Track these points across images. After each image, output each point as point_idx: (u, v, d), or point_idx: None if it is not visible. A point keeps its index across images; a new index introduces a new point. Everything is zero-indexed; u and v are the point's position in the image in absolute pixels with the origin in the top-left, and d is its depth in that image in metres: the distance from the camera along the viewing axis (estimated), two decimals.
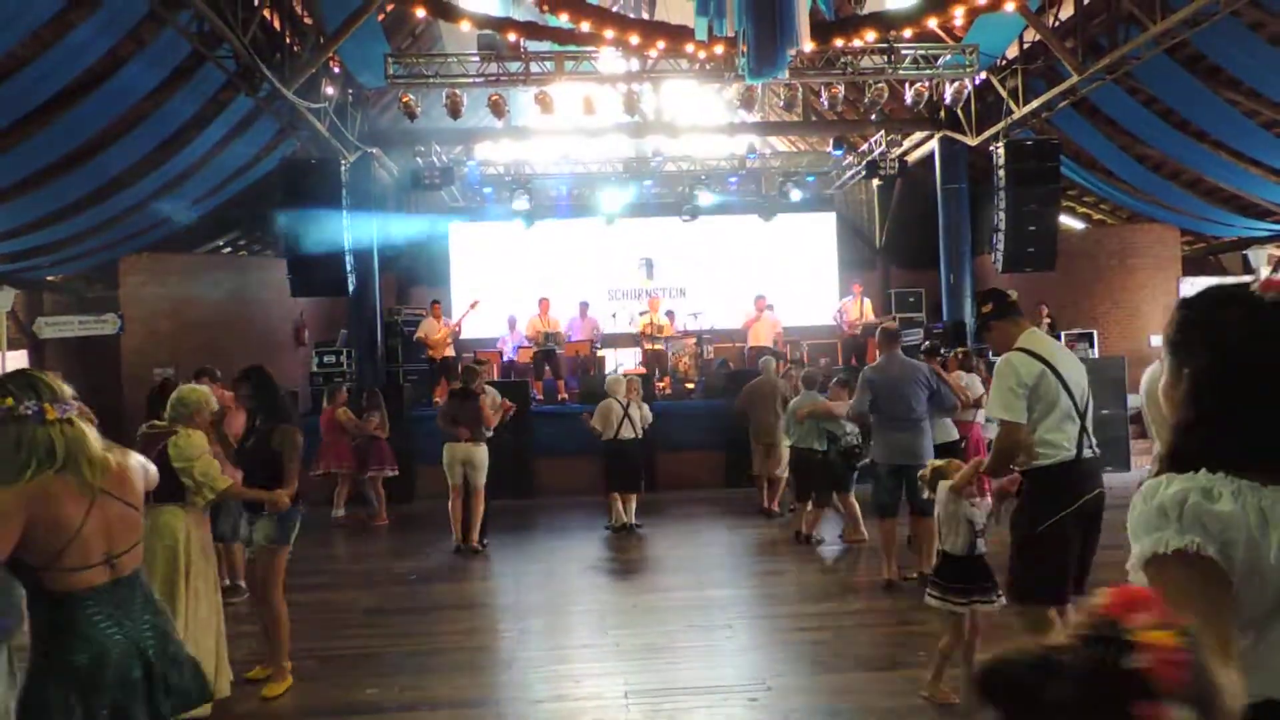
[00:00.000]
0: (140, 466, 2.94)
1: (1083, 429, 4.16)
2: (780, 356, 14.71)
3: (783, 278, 17.51)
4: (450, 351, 14.40)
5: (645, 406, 10.12)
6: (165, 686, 2.76)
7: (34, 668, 2.63)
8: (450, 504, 8.92)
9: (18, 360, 13.97)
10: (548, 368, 14.26)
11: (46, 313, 14.89)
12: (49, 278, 14.93)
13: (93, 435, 2.73)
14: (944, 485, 4.46)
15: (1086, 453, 4.16)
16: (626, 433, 9.63)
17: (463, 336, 14.76)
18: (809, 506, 8.77)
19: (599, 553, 8.83)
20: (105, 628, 2.66)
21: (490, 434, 8.99)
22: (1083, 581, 4.24)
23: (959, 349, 10.23)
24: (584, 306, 15.73)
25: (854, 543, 8.55)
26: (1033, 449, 4.14)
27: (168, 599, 4.46)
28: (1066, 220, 16.93)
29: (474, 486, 8.85)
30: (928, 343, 11.25)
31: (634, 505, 9.82)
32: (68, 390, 2.73)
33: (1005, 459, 4.22)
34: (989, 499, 4.47)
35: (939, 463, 4.71)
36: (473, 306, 14.43)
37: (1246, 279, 1.57)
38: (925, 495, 5.23)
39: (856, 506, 8.57)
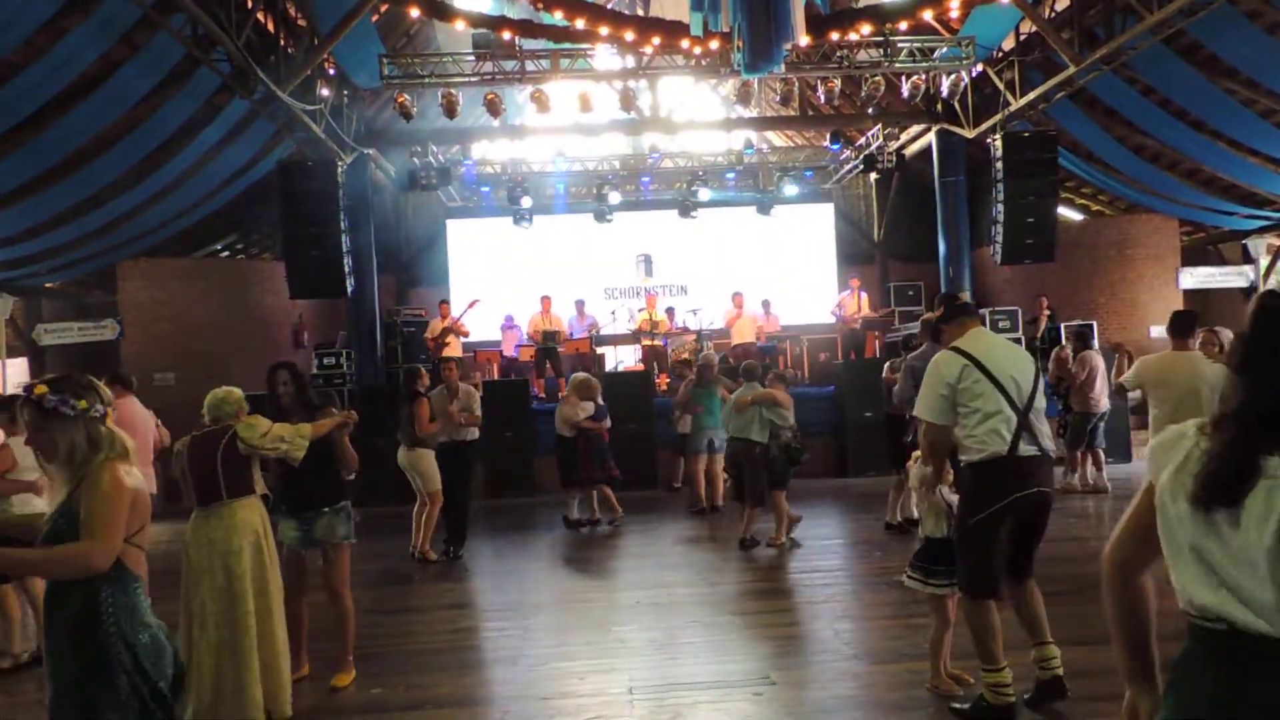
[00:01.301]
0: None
1: (1022, 425, 4.13)
2: (767, 352, 14.69)
3: (781, 273, 17.51)
4: (458, 351, 14.41)
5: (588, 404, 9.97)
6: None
7: (100, 645, 2.68)
8: (414, 508, 8.61)
9: (18, 368, 13.96)
10: (549, 365, 14.26)
11: (45, 319, 14.89)
12: (47, 284, 14.92)
13: (121, 435, 2.91)
14: (918, 468, 4.54)
15: (1025, 449, 4.12)
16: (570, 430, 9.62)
17: (464, 337, 14.76)
18: (751, 507, 8.41)
19: (601, 550, 8.82)
20: (152, 615, 2.84)
21: (442, 438, 8.44)
22: (1024, 570, 4.31)
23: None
24: (580, 304, 15.74)
25: (777, 546, 8.29)
26: (962, 445, 4.19)
27: (260, 595, 4.44)
28: (1065, 211, 16.93)
29: (421, 493, 8.47)
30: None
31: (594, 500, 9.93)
32: (110, 397, 2.94)
33: (933, 457, 4.33)
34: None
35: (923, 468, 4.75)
36: (471, 305, 14.42)
37: (1246, 269, 1.61)
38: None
39: (787, 507, 8.42)
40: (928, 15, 10.97)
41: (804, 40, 8.87)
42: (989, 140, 13.43)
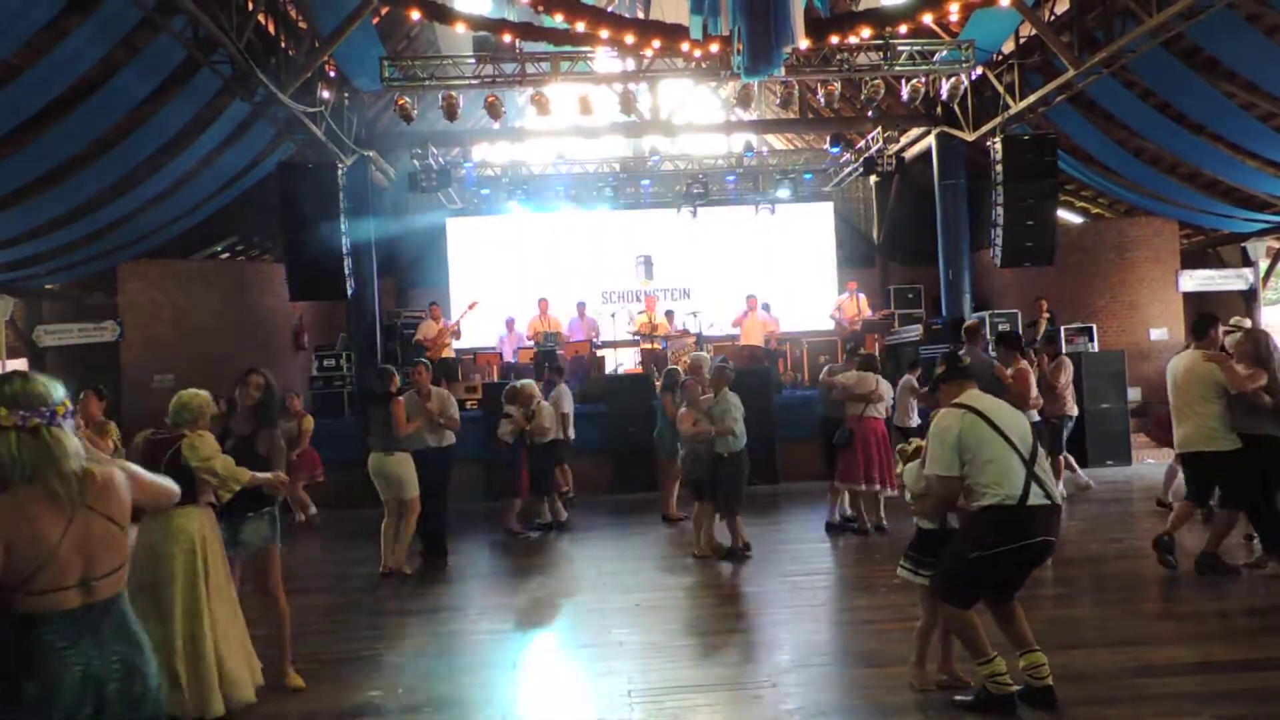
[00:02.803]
0: (126, 480, 2.70)
1: (1031, 475, 4.24)
2: (772, 355, 14.71)
3: (781, 275, 17.51)
4: (451, 353, 14.40)
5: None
6: None
7: None
8: (383, 524, 7.96)
9: (18, 369, 13.98)
10: (548, 368, 14.22)
11: (45, 321, 14.90)
12: (47, 286, 14.93)
13: (72, 446, 2.53)
14: (912, 467, 4.65)
15: (1035, 499, 4.21)
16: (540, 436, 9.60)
17: (463, 339, 14.76)
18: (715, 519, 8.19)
19: (602, 551, 8.81)
20: (67, 657, 2.43)
21: (416, 444, 7.97)
22: (1008, 598, 4.43)
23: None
24: (581, 307, 15.75)
25: (703, 558, 8.06)
26: (971, 490, 4.28)
27: (190, 603, 4.48)
28: (1064, 214, 16.93)
29: (392, 502, 7.86)
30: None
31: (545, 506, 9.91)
32: (53, 395, 2.55)
33: (940, 508, 4.51)
34: None
35: (912, 445, 4.87)
36: (471, 307, 14.42)
37: (1245, 271, 1.59)
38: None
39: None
40: (927, 18, 10.98)
41: (804, 43, 8.85)
42: (989, 143, 13.43)
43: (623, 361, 15.88)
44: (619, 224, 17.58)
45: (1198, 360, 6.56)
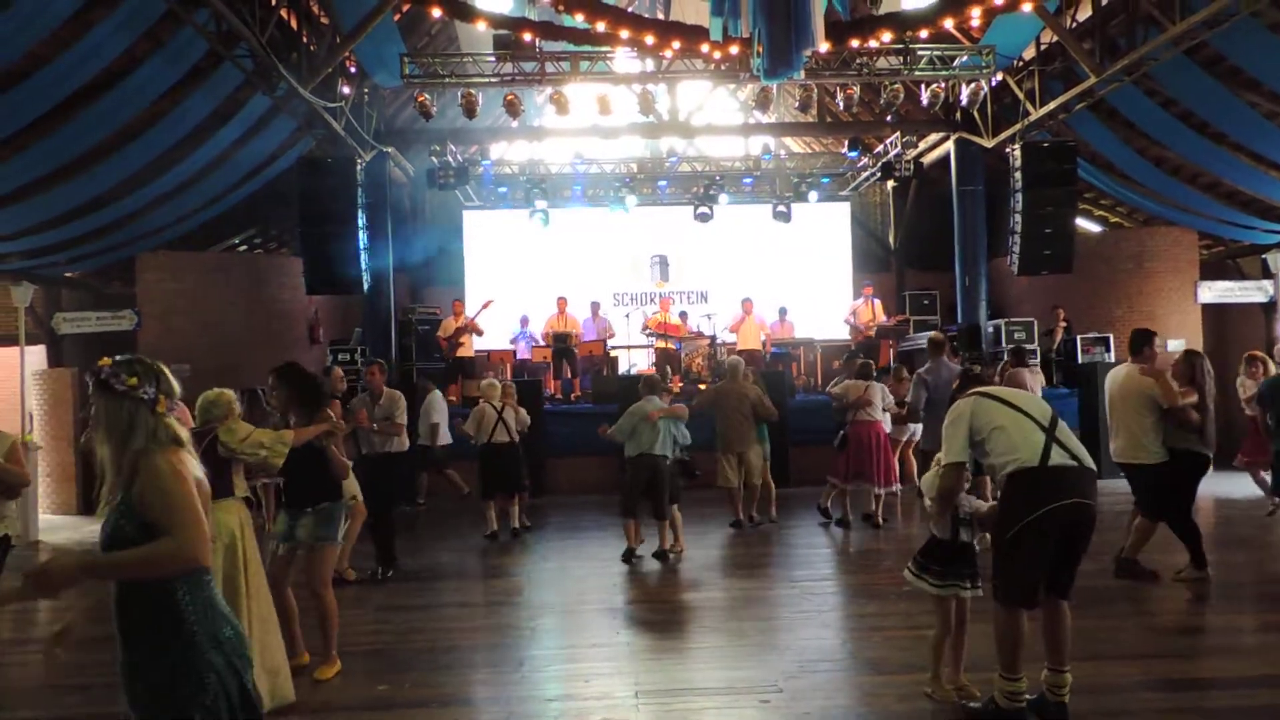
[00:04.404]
0: None
1: (1052, 439, 4.26)
2: (781, 359, 14.67)
3: (797, 280, 17.48)
4: (471, 351, 14.45)
5: (522, 411, 10.07)
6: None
7: (185, 645, 2.53)
8: None
9: (36, 355, 14.08)
10: (566, 366, 14.29)
11: (64, 309, 14.98)
12: (67, 274, 15.02)
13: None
14: (930, 474, 4.62)
15: (1058, 459, 4.20)
16: (501, 436, 9.59)
17: (480, 337, 14.79)
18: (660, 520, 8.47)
19: (611, 553, 8.81)
20: (224, 608, 2.71)
21: (364, 449, 7.86)
22: (1063, 587, 4.36)
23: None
24: (595, 306, 15.77)
25: (678, 553, 8.47)
26: (993, 464, 4.33)
27: (230, 598, 4.48)
28: (1083, 223, 16.83)
29: None
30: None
31: (517, 508, 9.86)
32: (177, 390, 2.83)
33: (941, 500, 4.49)
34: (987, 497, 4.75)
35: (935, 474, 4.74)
36: (486, 305, 14.46)
37: (1265, 283, 1.59)
38: None
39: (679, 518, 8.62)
40: (948, 23, 10.92)
41: (824, 47, 8.84)
42: (1008, 150, 13.37)
43: (636, 362, 15.89)
44: (636, 223, 17.56)
45: (1134, 374, 6.94)
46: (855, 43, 10.68)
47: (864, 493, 9.72)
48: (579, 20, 9.71)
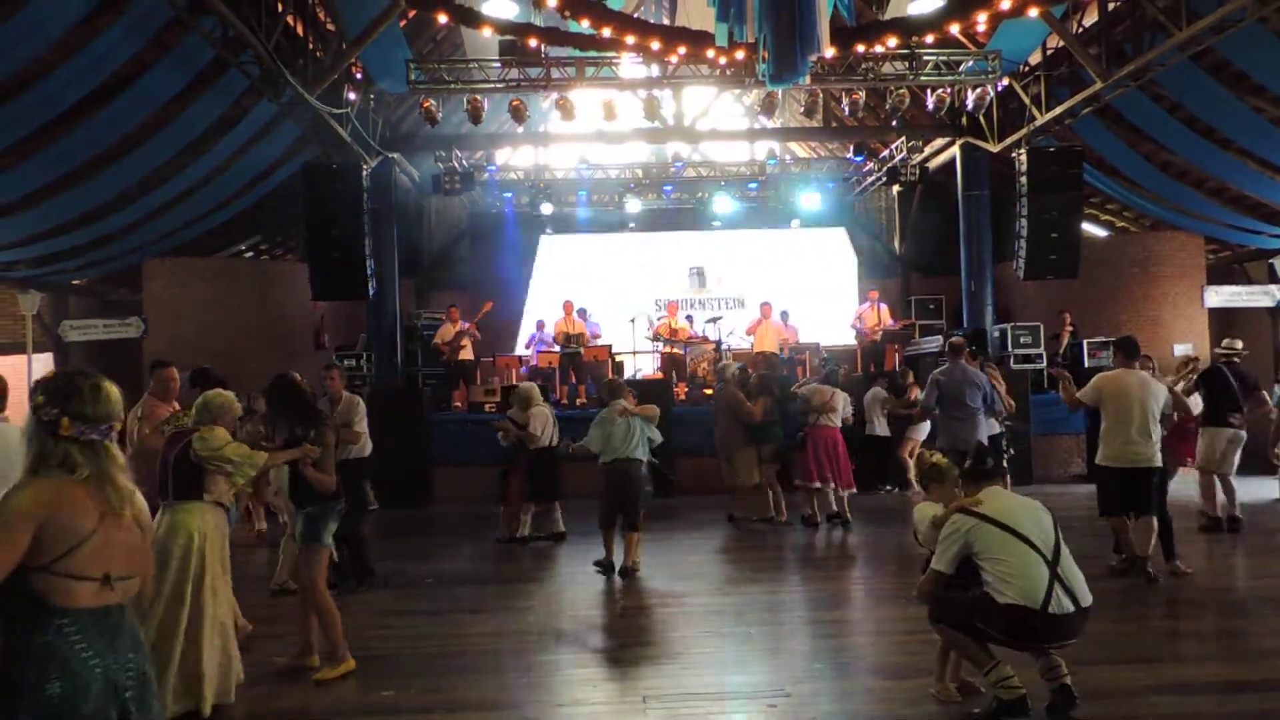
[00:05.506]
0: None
1: (1055, 578, 4.19)
2: (791, 363, 14.63)
3: (802, 284, 17.50)
4: (469, 355, 14.44)
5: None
6: None
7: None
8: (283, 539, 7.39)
9: (43, 362, 14.11)
10: (573, 371, 14.28)
11: (71, 316, 15.04)
12: (74, 281, 15.08)
13: (122, 460, 2.58)
14: (928, 518, 4.65)
15: (1059, 605, 4.17)
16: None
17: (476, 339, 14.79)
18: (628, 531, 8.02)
19: (619, 557, 8.79)
20: (87, 658, 2.38)
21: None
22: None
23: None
24: (583, 313, 15.76)
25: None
26: (991, 585, 4.26)
27: (174, 600, 4.51)
28: (1089, 228, 16.80)
29: (292, 516, 7.24)
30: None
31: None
32: (110, 409, 2.56)
33: (924, 595, 4.59)
34: None
35: (930, 509, 4.73)
36: (485, 309, 14.48)
37: (1271, 288, 1.57)
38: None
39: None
40: (954, 28, 10.91)
41: (829, 52, 8.83)
42: (1014, 155, 13.35)
43: (641, 366, 15.88)
44: (678, 242, 17.88)
45: (1148, 379, 7.08)
46: (861, 48, 10.68)
47: (811, 494, 9.96)
48: (584, 26, 9.72)
